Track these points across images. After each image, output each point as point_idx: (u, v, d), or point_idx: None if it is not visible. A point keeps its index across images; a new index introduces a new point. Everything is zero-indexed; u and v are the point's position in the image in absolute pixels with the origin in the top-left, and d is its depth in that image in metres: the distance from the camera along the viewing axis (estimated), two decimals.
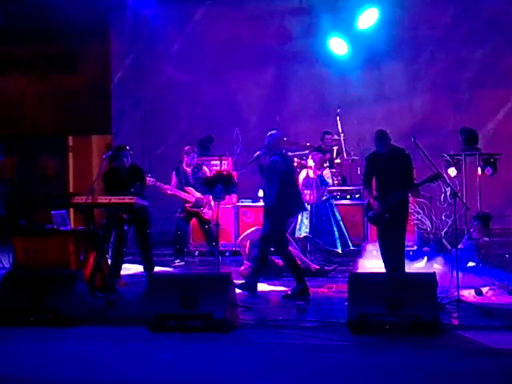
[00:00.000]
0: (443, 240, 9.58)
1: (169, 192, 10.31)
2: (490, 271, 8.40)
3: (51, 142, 15.16)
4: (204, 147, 12.09)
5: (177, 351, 5.67)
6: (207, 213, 10.41)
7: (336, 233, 10.07)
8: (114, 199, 7.88)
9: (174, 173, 10.48)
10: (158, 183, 10.08)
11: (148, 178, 9.51)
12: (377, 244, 8.21)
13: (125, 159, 8.71)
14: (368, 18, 12.98)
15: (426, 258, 9.24)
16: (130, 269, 9.65)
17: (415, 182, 7.92)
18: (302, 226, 10.02)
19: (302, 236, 9.98)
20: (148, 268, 8.91)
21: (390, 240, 7.76)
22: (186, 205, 10.42)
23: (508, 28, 12.83)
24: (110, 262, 8.45)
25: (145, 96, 14.34)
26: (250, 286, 8.07)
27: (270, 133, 8.18)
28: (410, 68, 13.28)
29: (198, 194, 10.36)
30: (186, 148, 10.58)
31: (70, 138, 15.76)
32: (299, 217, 10.06)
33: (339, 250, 10.03)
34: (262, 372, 5.24)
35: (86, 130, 15.18)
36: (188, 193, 10.37)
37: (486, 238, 9.15)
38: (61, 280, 6.75)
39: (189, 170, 10.48)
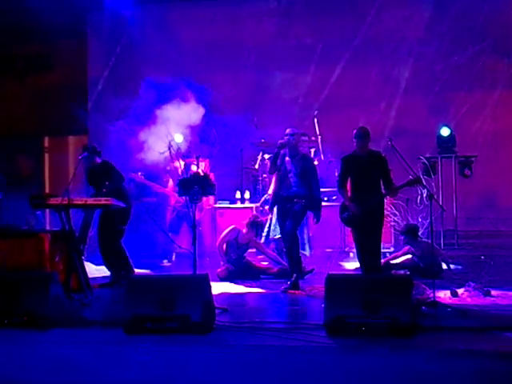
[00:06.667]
0: None
1: (157, 190, 10.32)
2: None
3: (27, 142, 15.02)
4: None
5: (153, 353, 5.61)
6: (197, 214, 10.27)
7: (305, 235, 9.88)
8: (90, 200, 7.79)
9: (168, 174, 10.45)
10: (147, 181, 10.12)
11: (136, 174, 9.48)
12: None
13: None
14: None
15: None
16: (105, 271, 9.57)
17: (394, 185, 7.94)
18: (277, 226, 9.96)
19: (276, 237, 9.90)
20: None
21: (366, 242, 7.79)
22: (177, 204, 10.27)
23: (482, 31, 12.96)
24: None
25: (123, 97, 14.25)
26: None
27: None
28: (386, 70, 13.36)
29: None
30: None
31: (46, 139, 15.63)
32: (273, 218, 10.00)
33: (307, 253, 9.81)
34: (240, 374, 5.24)
35: (62, 130, 15.06)
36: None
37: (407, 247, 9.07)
38: (35, 282, 6.64)
39: (178, 169, 10.43)
